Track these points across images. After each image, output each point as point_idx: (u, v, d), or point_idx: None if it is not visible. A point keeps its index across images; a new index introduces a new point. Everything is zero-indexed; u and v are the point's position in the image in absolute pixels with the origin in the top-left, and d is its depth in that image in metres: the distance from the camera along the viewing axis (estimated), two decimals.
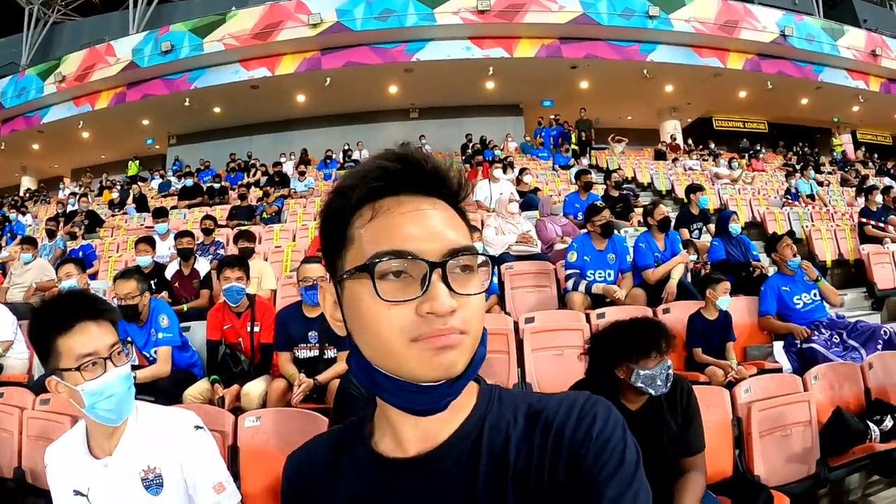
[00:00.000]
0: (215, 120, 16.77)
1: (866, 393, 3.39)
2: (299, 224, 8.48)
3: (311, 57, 14.34)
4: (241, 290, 3.72)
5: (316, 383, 3.26)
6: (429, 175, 0.66)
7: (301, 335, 3.48)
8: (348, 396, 2.30)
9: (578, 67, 14.81)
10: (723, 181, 11.66)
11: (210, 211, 9.32)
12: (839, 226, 8.06)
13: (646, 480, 0.64)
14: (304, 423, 2.64)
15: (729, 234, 5.65)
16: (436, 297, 0.61)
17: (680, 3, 14.62)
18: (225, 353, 3.65)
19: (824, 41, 16.18)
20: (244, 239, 5.46)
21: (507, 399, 0.70)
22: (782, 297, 4.42)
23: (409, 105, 16.77)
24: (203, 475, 1.58)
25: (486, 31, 13.85)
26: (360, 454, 0.73)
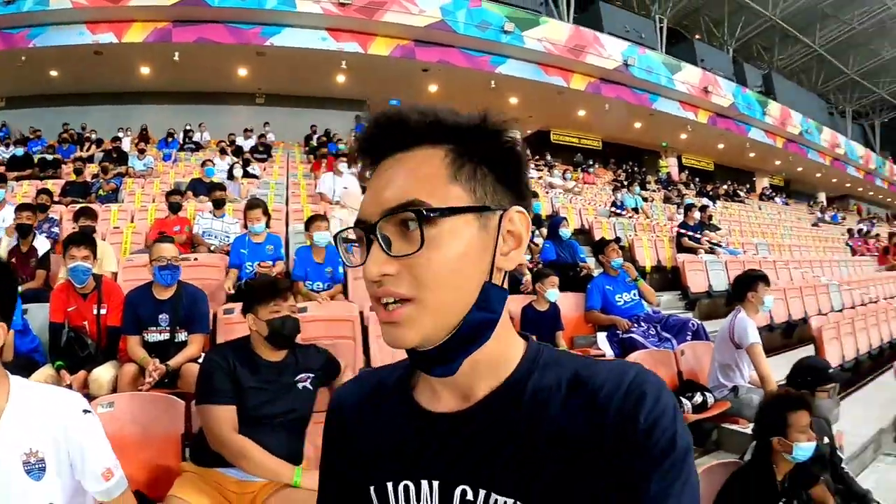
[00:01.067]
0: (51, 85, 15.33)
1: (679, 375, 3.99)
2: (138, 205, 8.15)
3: (163, 28, 13.46)
4: (88, 269, 3.52)
5: (168, 368, 3.17)
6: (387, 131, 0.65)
7: (151, 318, 3.38)
8: (213, 376, 2.28)
9: (430, 71, 15.05)
10: (556, 190, 12.39)
11: (42, 185, 8.67)
12: (659, 237, 9.00)
13: (695, 472, 0.61)
14: (159, 408, 2.60)
15: (559, 237, 6.15)
16: (366, 262, 0.61)
17: (535, 22, 15.34)
18: (69, 336, 3.45)
19: (662, 74, 17.62)
20: (85, 217, 5.18)
21: (554, 362, 0.67)
22: (606, 294, 4.98)
23: (257, 90, 16.38)
24: (92, 461, 1.50)
25: (344, 24, 13.74)
26: (399, 401, 0.72)
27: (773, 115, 21.57)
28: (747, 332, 3.71)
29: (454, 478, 0.65)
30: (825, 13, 23.41)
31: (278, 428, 2.31)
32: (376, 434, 0.72)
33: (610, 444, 0.59)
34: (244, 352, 2.39)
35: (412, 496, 0.67)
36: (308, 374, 2.45)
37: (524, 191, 0.67)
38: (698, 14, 22.20)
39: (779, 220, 17.72)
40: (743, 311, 3.84)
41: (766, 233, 14.15)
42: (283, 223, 7.21)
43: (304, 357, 2.50)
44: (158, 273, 3.36)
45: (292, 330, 2.42)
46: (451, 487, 0.65)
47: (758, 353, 3.67)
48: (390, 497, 0.68)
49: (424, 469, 0.67)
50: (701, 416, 3.52)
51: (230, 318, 3.85)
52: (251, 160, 11.50)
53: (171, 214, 6.50)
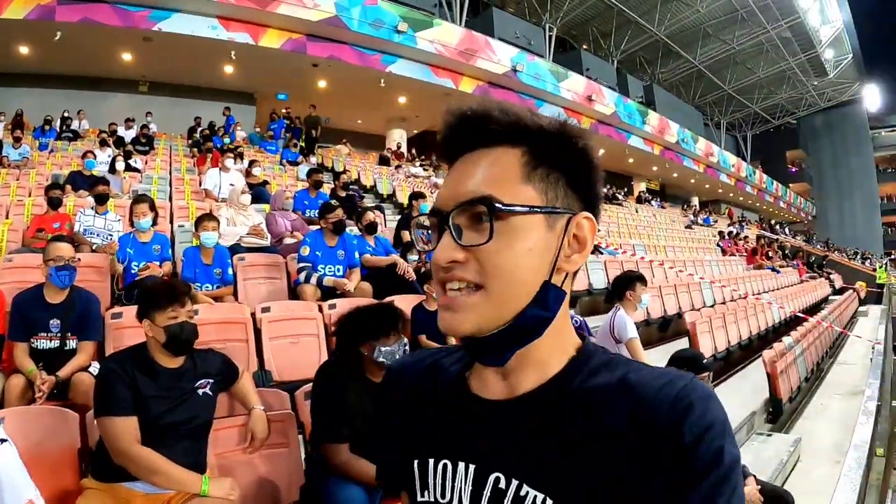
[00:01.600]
0: None
1: None
2: (13, 199, 7.41)
3: (46, 4, 12.55)
4: None
5: (58, 380, 2.94)
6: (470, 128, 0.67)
7: (42, 323, 3.12)
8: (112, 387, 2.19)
9: (320, 66, 15.05)
10: None
11: None
12: None
13: (742, 491, 0.60)
14: (52, 422, 2.42)
15: None
16: (437, 248, 0.64)
17: (428, 24, 15.77)
18: None
19: (549, 81, 18.61)
20: None
21: (605, 367, 0.67)
22: None
23: (141, 77, 15.75)
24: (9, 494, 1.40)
25: (236, 13, 13.49)
26: (453, 382, 0.74)
27: (653, 125, 23.17)
28: (626, 327, 3.96)
29: (490, 464, 0.66)
30: (707, 32, 25.52)
31: (182, 437, 2.26)
32: (427, 410, 0.74)
33: (652, 453, 0.58)
34: (142, 359, 2.30)
35: (448, 475, 0.69)
36: (207, 379, 2.40)
37: (594, 198, 0.69)
38: (587, 25, 23.59)
39: (654, 223, 18.92)
40: (622, 309, 4.06)
41: (643, 234, 14.98)
42: (167, 220, 6.84)
43: (202, 362, 2.44)
44: (55, 274, 3.12)
45: (191, 336, 2.36)
46: (486, 473, 0.66)
47: (636, 347, 3.94)
48: (429, 473, 0.71)
49: (464, 451, 0.68)
50: None
51: (119, 322, 3.57)
52: (133, 152, 10.93)
53: (51, 210, 6.01)
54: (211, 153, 10.63)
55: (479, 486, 0.66)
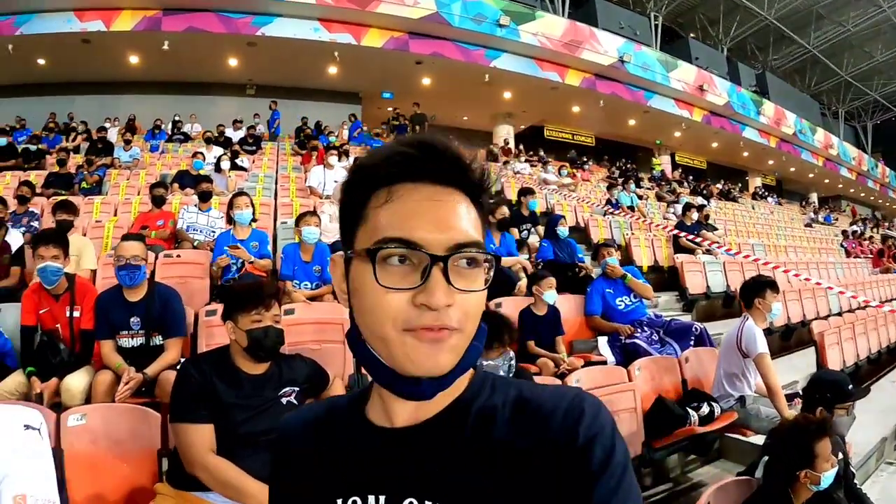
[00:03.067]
0: (37, 73, 15.00)
1: (683, 383, 3.78)
2: (122, 197, 7.77)
3: (152, 16, 13.24)
4: (58, 270, 3.26)
5: (145, 377, 2.95)
6: (448, 164, 0.66)
7: (123, 322, 3.15)
8: (189, 391, 2.10)
9: (423, 64, 14.91)
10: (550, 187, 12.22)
11: (25, 176, 8.30)
12: (656, 236, 8.73)
13: (636, 484, 0.63)
14: (134, 420, 2.40)
15: (557, 236, 5.93)
16: (432, 290, 0.61)
17: (530, 16, 15.25)
18: (41, 340, 3.22)
19: (658, 71, 17.54)
20: (63, 210, 4.89)
21: (501, 386, 0.71)
22: (606, 298, 4.82)
23: (248, 81, 16.14)
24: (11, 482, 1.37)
25: (337, 14, 13.59)
26: (351, 420, 0.74)
27: (768, 115, 21.61)
28: (755, 340, 3.52)
29: (402, 491, 0.67)
30: (820, 14, 23.47)
31: (261, 448, 2.09)
32: (326, 454, 0.74)
33: (551, 460, 0.62)
34: (223, 364, 2.20)
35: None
36: (293, 387, 2.27)
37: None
38: (693, 12, 22.22)
39: (772, 220, 17.58)
40: (751, 319, 3.65)
41: (761, 233, 13.95)
42: (271, 218, 6.98)
43: (289, 369, 2.31)
44: (118, 273, 3.15)
45: (275, 342, 2.23)
46: (399, 501, 0.67)
47: (766, 364, 3.48)
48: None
49: (373, 484, 0.69)
50: (708, 428, 3.34)
51: (212, 320, 3.58)
52: (240, 152, 11.26)
53: (155, 208, 6.20)
54: (316, 151, 10.64)
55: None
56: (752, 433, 3.47)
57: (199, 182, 6.65)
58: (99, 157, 10.09)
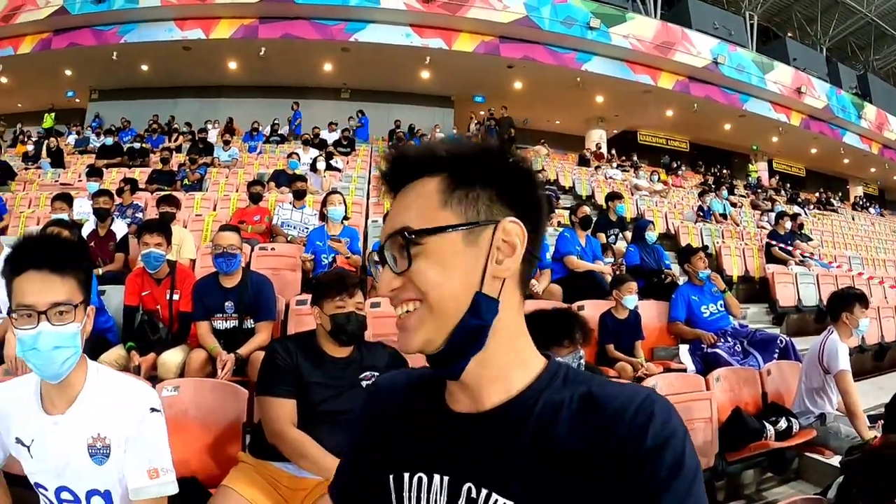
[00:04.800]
0: (141, 78, 15.97)
1: (763, 396, 3.66)
2: (221, 194, 8.31)
3: (249, 24, 13.88)
4: (161, 256, 3.55)
5: (237, 357, 3.16)
6: (404, 163, 0.73)
7: (218, 305, 3.40)
8: (275, 367, 2.25)
9: (514, 68, 14.85)
10: (642, 192, 11.96)
11: (129, 173, 8.93)
12: (748, 245, 8.50)
13: (705, 496, 0.62)
14: (223, 395, 2.57)
15: (645, 241, 5.85)
16: (379, 281, 0.70)
17: (621, 18, 14.96)
18: (142, 319, 3.51)
19: (753, 73, 16.87)
20: (167, 203, 5.21)
21: (571, 380, 0.70)
22: (691, 305, 4.72)
23: (342, 85, 16.49)
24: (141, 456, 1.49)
25: (428, 20, 13.76)
26: (430, 398, 0.77)
27: (869, 119, 20.40)
28: (838, 356, 3.35)
29: (462, 475, 0.69)
30: None
31: (338, 426, 2.21)
32: (405, 424, 0.78)
33: (616, 463, 0.61)
34: (309, 345, 2.33)
35: (424, 488, 0.71)
36: (373, 372, 2.36)
37: (531, 204, 0.72)
38: (790, 10, 21.27)
39: (872, 233, 16.50)
40: (835, 333, 3.48)
41: (860, 245, 13.18)
42: (362, 216, 7.23)
43: (370, 355, 2.40)
44: (215, 260, 3.39)
45: (356, 327, 2.32)
46: (460, 484, 0.69)
47: (847, 382, 3.30)
48: (405, 486, 0.73)
49: (438, 464, 0.71)
50: (784, 444, 3.24)
51: (302, 309, 3.80)
52: (334, 153, 11.56)
53: (252, 204, 6.55)
54: None
55: (453, 496, 0.69)
56: (831, 453, 3.31)
57: (294, 181, 6.88)
58: (200, 157, 10.64)
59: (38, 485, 1.51)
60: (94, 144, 12.60)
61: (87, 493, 1.48)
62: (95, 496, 1.49)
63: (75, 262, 1.40)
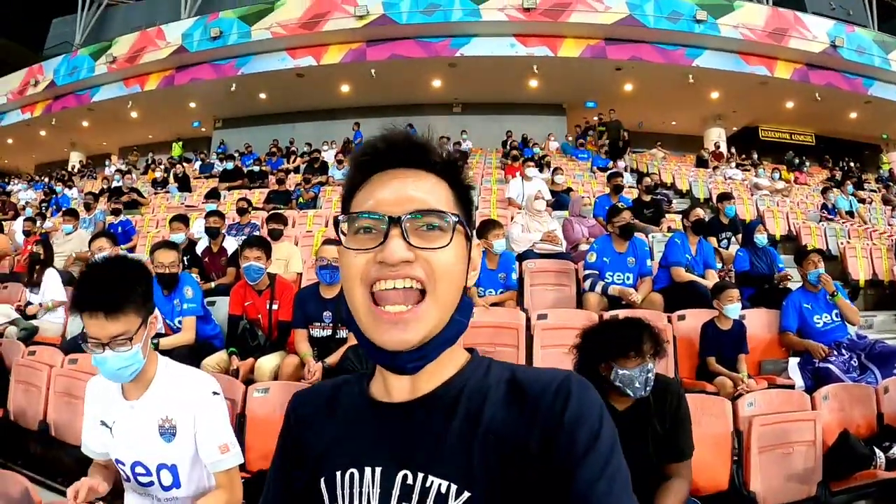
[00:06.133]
0: (260, 106, 17.07)
1: (879, 418, 3.29)
2: (334, 210, 8.62)
3: (357, 48, 14.51)
4: (260, 269, 3.82)
5: (325, 366, 3.35)
6: (409, 149, 0.74)
7: (316, 314, 3.60)
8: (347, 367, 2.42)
9: (623, 69, 14.60)
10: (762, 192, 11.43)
11: (248, 194, 9.55)
12: (876, 245, 7.72)
13: (624, 463, 0.66)
14: None
15: (755, 244, 5.48)
16: (389, 246, 0.67)
17: (729, 8, 14.29)
18: (245, 327, 3.81)
19: (875, 54, 15.56)
20: (274, 221, 5.57)
21: (496, 369, 0.75)
22: (803, 313, 4.32)
23: (453, 100, 16.79)
24: (211, 434, 1.77)
25: (530, 28, 13.80)
26: (354, 394, 0.80)
27: None
28: None
29: (396, 463, 0.70)
30: None
31: None
32: (330, 428, 0.79)
33: (538, 438, 0.65)
34: None
35: (356, 483, 0.72)
36: None
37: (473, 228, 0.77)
38: None
39: None
40: None
41: None
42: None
43: None
44: (319, 272, 3.58)
45: None
46: (394, 472, 0.70)
47: None
48: (337, 485, 0.73)
49: (370, 456, 0.72)
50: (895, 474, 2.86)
51: None
52: None
53: None
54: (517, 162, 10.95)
55: (387, 486, 0.70)
56: None
57: None
58: (315, 176, 11.16)
59: (117, 460, 1.78)
60: (217, 169, 13.51)
61: (158, 467, 1.75)
62: (164, 469, 1.75)
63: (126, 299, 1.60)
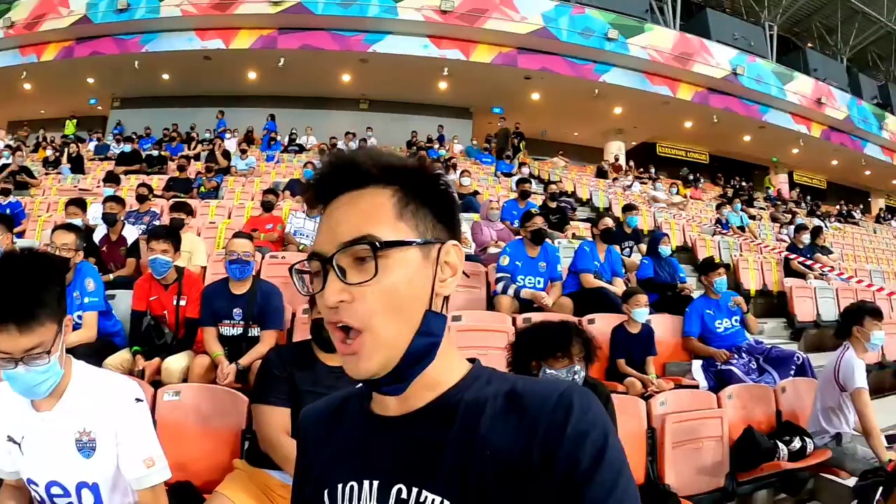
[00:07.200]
0: (163, 87, 16.22)
1: (777, 415, 3.59)
2: (236, 202, 8.38)
3: (268, 35, 14.03)
4: (167, 262, 3.59)
5: (238, 367, 3.19)
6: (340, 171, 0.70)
7: (225, 312, 3.43)
8: (269, 376, 2.30)
9: (532, 78, 14.86)
10: (659, 205, 11.90)
11: (148, 179, 9.01)
12: (766, 258, 8.33)
13: (633, 485, 0.61)
14: (224, 401, 2.62)
15: (659, 254, 5.78)
16: (325, 291, 0.66)
17: (639, 29, 14.93)
18: (149, 324, 3.58)
19: (773, 84, 16.73)
20: (178, 210, 5.27)
21: (497, 380, 0.71)
22: (705, 319, 4.66)
23: (360, 96, 16.60)
24: (135, 447, 1.58)
25: (445, 31, 13.81)
26: (357, 409, 0.78)
27: (892, 130, 20.09)
28: (853, 373, 3.27)
29: (392, 477, 0.69)
30: None
31: None
32: (335, 442, 0.78)
33: (539, 454, 0.61)
34: (304, 354, 2.35)
35: (355, 497, 0.71)
36: None
37: (456, 227, 0.74)
38: (810, 21, 21.10)
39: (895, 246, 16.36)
40: (851, 349, 3.41)
41: (882, 259, 13.02)
42: None
43: None
44: (229, 267, 3.41)
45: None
46: (389, 486, 0.69)
47: (864, 401, 3.24)
48: (338, 498, 0.73)
49: (368, 470, 0.71)
50: (797, 465, 3.18)
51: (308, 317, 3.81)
52: None
53: (265, 212, 6.60)
54: None
55: (383, 500, 0.69)
56: (847, 475, 3.24)
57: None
58: (217, 165, 10.73)
59: (29, 481, 1.58)
60: (113, 151, 12.81)
61: (77, 486, 1.55)
62: (84, 489, 1.55)
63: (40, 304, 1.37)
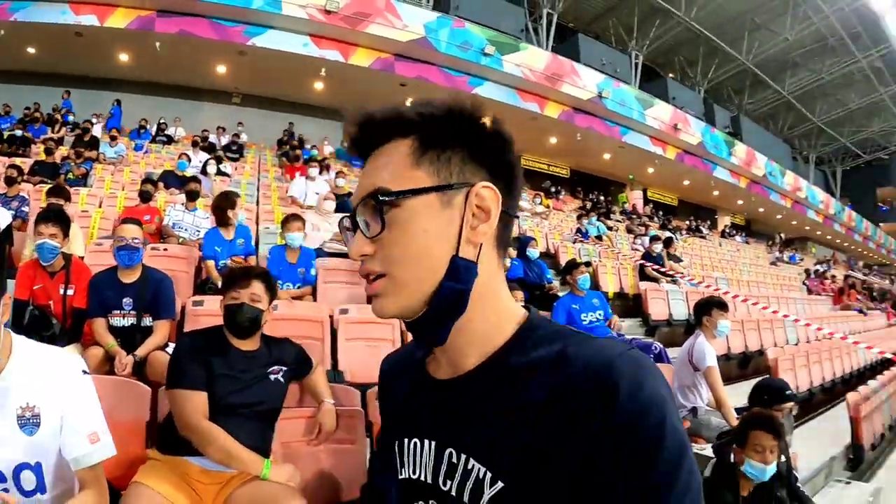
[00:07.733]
0: (26, 62, 15.04)
1: None
2: (107, 191, 8.21)
3: (146, 16, 13.29)
4: (55, 248, 3.44)
5: (136, 359, 3.08)
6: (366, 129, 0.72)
7: (115, 302, 3.28)
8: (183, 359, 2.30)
9: (407, 86, 15.03)
10: (524, 213, 12.62)
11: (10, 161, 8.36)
12: (622, 264, 9.24)
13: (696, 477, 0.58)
14: (124, 393, 2.56)
15: (527, 257, 6.38)
16: (351, 244, 0.70)
17: (515, 47, 15.53)
18: (33, 314, 3.37)
19: (635, 108, 18.00)
20: (56, 196, 5.11)
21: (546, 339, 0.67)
22: (572, 313, 5.22)
23: (234, 89, 16.26)
24: (81, 422, 1.50)
25: (327, 31, 13.75)
26: (418, 367, 0.80)
27: (739, 156, 22.16)
28: (705, 355, 3.93)
29: (445, 440, 0.70)
30: (796, 62, 24.25)
31: (247, 419, 2.27)
32: (400, 395, 0.82)
33: (580, 441, 0.58)
34: (216, 339, 2.37)
35: (418, 452, 0.74)
36: (280, 366, 2.43)
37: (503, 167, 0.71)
38: (673, 53, 22.82)
39: (738, 257, 18.06)
40: (702, 336, 4.06)
41: (726, 268, 14.43)
42: (253, 223, 7.25)
43: (278, 350, 2.48)
44: (117, 253, 3.27)
45: (246, 318, 2.35)
46: (443, 449, 0.70)
47: (714, 377, 3.87)
48: (405, 452, 0.77)
49: (427, 429, 0.74)
50: None
51: (198, 310, 3.84)
52: (224, 158, 11.49)
53: (142, 203, 6.50)
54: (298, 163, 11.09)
55: (438, 461, 0.70)
56: (703, 441, 3.74)
57: (187, 182, 6.94)
58: (86, 151, 10.35)
59: None
60: None
61: (16, 469, 1.43)
62: (25, 470, 1.44)
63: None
